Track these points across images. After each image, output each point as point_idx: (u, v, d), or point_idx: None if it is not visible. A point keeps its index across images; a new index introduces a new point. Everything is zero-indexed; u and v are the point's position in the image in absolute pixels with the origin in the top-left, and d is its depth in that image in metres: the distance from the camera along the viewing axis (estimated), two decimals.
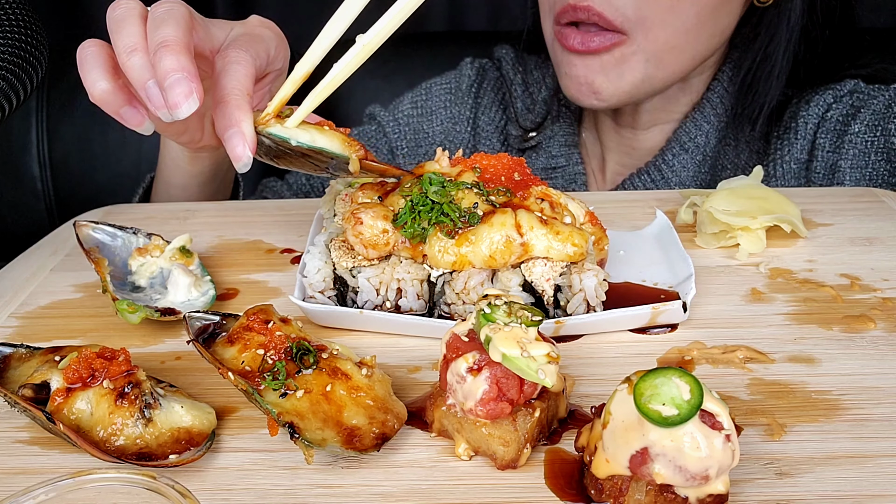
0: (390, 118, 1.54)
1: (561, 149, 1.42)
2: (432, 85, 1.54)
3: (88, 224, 0.94)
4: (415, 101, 1.54)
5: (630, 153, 1.41)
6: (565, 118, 1.44)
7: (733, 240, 0.95)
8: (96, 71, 0.82)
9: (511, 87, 1.50)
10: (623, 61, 1.20)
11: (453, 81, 1.53)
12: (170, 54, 0.76)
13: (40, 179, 2.04)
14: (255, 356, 0.70)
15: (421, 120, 1.53)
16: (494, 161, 0.85)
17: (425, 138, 1.53)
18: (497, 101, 1.52)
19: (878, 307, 0.83)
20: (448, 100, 1.53)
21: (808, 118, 1.27)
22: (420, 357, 0.79)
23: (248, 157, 0.77)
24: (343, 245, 0.83)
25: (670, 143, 1.34)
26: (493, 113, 1.51)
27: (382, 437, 0.65)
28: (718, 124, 1.32)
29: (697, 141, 1.32)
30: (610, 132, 1.43)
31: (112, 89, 0.82)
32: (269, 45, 0.93)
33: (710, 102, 1.32)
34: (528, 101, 1.49)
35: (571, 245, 0.79)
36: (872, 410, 0.69)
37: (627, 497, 0.58)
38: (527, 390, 0.63)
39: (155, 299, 0.88)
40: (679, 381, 0.56)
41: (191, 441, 0.66)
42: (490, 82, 1.53)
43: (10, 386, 0.71)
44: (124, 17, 0.81)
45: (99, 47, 0.84)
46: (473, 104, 1.52)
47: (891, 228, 0.99)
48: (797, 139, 1.27)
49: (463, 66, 1.54)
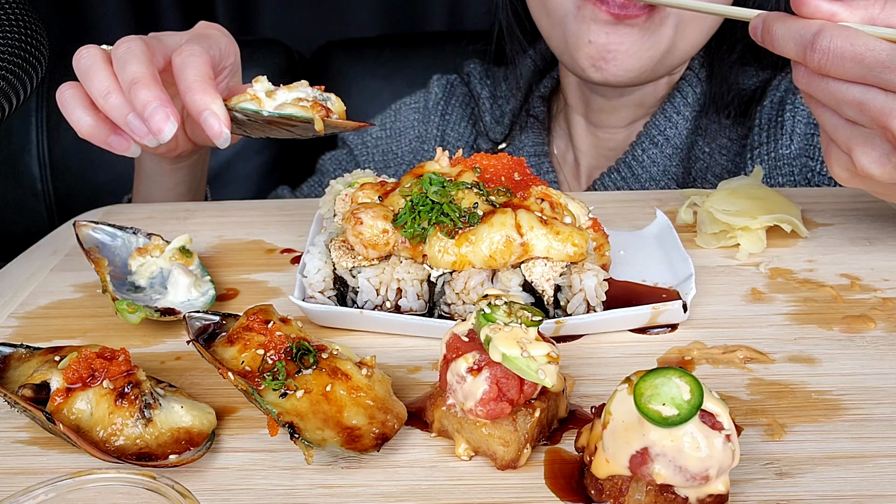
0: (359, 142, 1.54)
1: (530, 159, 1.40)
2: (401, 105, 1.54)
3: (88, 224, 0.94)
4: (383, 122, 1.54)
5: (605, 154, 1.39)
6: (533, 128, 1.43)
7: (733, 240, 0.95)
8: (79, 110, 0.90)
9: (479, 101, 1.49)
10: (661, 24, 1.14)
11: (421, 100, 1.53)
12: (142, 88, 0.85)
13: (40, 179, 2.04)
14: (255, 356, 0.70)
15: (389, 141, 1.53)
16: (494, 161, 0.85)
17: (394, 159, 1.52)
18: (466, 117, 1.51)
19: (878, 307, 0.83)
20: (416, 119, 1.52)
21: (796, 111, 1.22)
22: (420, 357, 0.79)
23: (226, 134, 0.85)
24: (343, 245, 0.83)
25: (640, 137, 1.31)
26: (462, 129, 1.50)
27: (382, 437, 0.65)
28: (690, 115, 1.29)
29: (667, 133, 1.29)
30: (583, 134, 1.41)
31: (96, 123, 0.90)
32: (218, 42, 0.99)
33: (681, 92, 1.29)
34: (497, 114, 1.47)
35: (571, 245, 0.79)
36: (872, 410, 0.69)
37: (627, 497, 0.58)
38: (527, 390, 0.63)
39: (155, 299, 0.88)
40: (679, 381, 0.56)
41: (191, 441, 0.66)
42: (458, 98, 1.52)
43: (10, 386, 0.71)
44: (90, 65, 0.89)
45: (75, 88, 0.91)
46: (441, 121, 1.51)
47: (891, 228, 0.99)
48: (783, 133, 1.23)
49: (431, 84, 1.54)
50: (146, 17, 2.30)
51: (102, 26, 2.28)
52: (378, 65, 2.06)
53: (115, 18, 2.28)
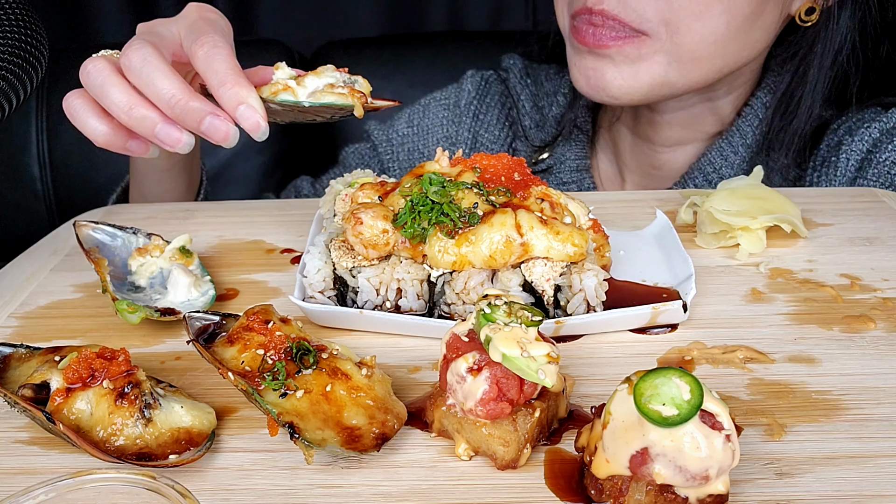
0: (384, 138, 1.47)
1: (572, 174, 1.34)
2: (431, 101, 1.47)
3: (88, 224, 0.94)
4: (411, 119, 1.46)
5: (650, 173, 1.33)
6: (577, 140, 1.35)
7: (733, 240, 0.95)
8: (93, 119, 0.87)
9: (518, 102, 1.41)
10: (640, 59, 1.12)
11: (452, 97, 1.45)
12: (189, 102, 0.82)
13: (40, 179, 2.04)
14: (255, 356, 0.70)
15: (416, 140, 1.46)
16: (494, 161, 0.85)
17: (420, 159, 1.44)
18: (503, 118, 1.42)
19: (878, 307, 0.83)
20: (445, 117, 1.44)
21: (851, 154, 1.17)
22: (420, 357, 0.79)
23: (264, 127, 0.83)
24: (343, 245, 0.83)
25: (692, 171, 1.25)
26: (498, 130, 1.42)
27: (382, 437, 0.65)
28: (746, 155, 1.23)
29: (723, 172, 1.24)
30: (628, 147, 1.34)
31: (112, 131, 0.87)
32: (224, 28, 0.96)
33: (741, 131, 1.23)
34: (538, 117, 1.40)
35: (571, 245, 0.79)
36: (872, 410, 0.69)
37: (627, 497, 0.58)
38: (527, 390, 0.63)
39: (155, 299, 0.88)
40: (679, 381, 0.56)
41: (191, 441, 0.66)
42: (494, 97, 1.44)
43: (10, 386, 0.71)
44: (103, 79, 0.84)
45: (84, 98, 0.87)
46: (473, 122, 1.43)
47: (891, 228, 0.99)
48: (836, 175, 1.18)
49: (464, 80, 1.45)
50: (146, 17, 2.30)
51: (103, 26, 2.28)
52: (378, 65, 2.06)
53: (116, 19, 2.28)
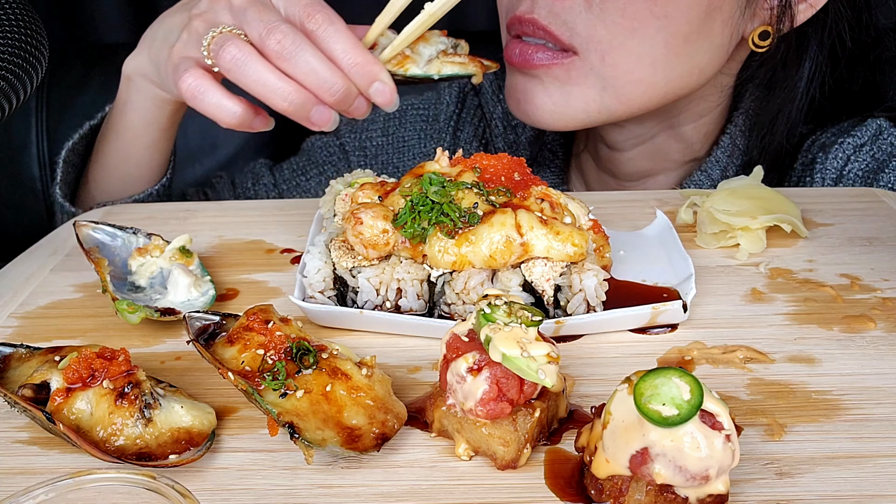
0: (356, 144, 1.40)
1: None
2: (408, 108, 1.39)
3: (88, 224, 0.94)
4: (386, 128, 1.39)
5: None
6: (552, 165, 1.30)
7: (733, 240, 0.95)
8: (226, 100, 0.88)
9: (491, 121, 1.33)
10: (569, 82, 1.05)
11: (431, 108, 1.38)
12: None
13: (40, 179, 2.04)
14: (255, 356, 0.70)
15: (391, 152, 1.38)
16: (494, 161, 0.85)
17: (395, 174, 1.36)
18: (478, 136, 1.35)
19: (878, 307, 0.83)
20: (422, 129, 1.37)
21: (826, 172, 1.14)
22: (420, 357, 0.79)
23: (396, 100, 0.88)
24: (343, 245, 0.83)
25: None
26: (474, 148, 1.35)
27: (382, 437, 0.65)
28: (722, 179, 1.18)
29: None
30: (595, 180, 1.29)
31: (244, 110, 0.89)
32: None
33: (719, 162, 1.18)
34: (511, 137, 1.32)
35: (571, 245, 0.79)
36: (872, 410, 0.69)
37: (627, 497, 0.58)
38: (527, 390, 0.63)
39: (155, 299, 0.88)
40: (679, 381, 0.56)
41: (191, 441, 0.66)
42: (470, 111, 1.37)
43: (9, 386, 0.71)
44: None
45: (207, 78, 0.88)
46: (452, 140, 1.35)
47: (891, 228, 0.99)
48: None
49: (442, 91, 1.38)
50: (147, 17, 2.29)
51: (103, 26, 2.28)
52: None
53: (116, 19, 2.28)
